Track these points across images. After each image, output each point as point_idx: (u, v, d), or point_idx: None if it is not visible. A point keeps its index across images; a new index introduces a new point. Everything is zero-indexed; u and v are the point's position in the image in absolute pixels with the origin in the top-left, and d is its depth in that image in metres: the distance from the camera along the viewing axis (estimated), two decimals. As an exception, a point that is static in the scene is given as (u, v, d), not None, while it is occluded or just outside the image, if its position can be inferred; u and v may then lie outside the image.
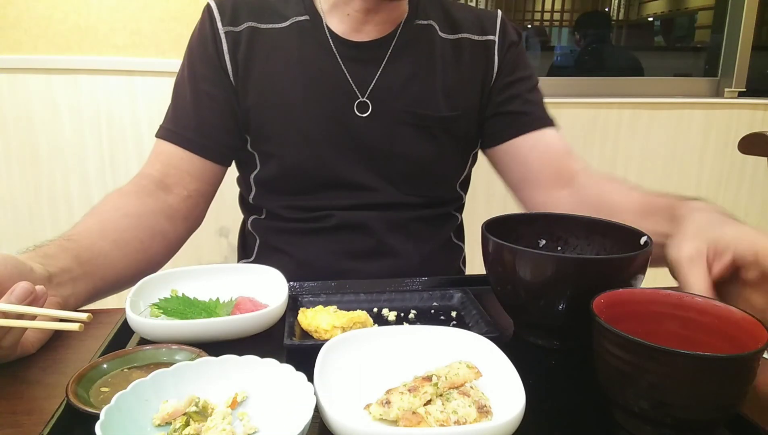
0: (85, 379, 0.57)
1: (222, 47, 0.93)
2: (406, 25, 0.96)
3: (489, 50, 0.99)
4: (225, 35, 0.93)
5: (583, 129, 2.18)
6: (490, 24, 1.00)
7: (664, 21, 2.98)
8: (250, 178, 1.01)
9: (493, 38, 0.99)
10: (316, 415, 0.48)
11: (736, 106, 2.24)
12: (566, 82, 2.34)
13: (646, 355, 0.49)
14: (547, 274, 0.62)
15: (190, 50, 0.97)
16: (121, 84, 1.94)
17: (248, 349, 0.58)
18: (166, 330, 0.66)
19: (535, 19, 2.84)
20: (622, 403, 0.53)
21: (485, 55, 0.99)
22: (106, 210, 0.86)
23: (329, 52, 0.93)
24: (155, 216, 0.90)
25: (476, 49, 0.98)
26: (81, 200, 2.03)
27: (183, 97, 0.95)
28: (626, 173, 2.24)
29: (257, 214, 1.04)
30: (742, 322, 0.54)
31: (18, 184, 2.01)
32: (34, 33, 1.89)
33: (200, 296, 0.76)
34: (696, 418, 0.50)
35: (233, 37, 0.93)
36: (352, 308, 0.74)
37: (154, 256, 0.89)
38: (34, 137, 1.97)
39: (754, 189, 2.31)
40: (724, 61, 2.35)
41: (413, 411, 0.52)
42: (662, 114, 2.22)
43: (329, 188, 0.96)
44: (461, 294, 0.80)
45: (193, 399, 0.52)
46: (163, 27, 1.91)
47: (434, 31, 0.97)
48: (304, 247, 0.98)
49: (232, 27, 0.93)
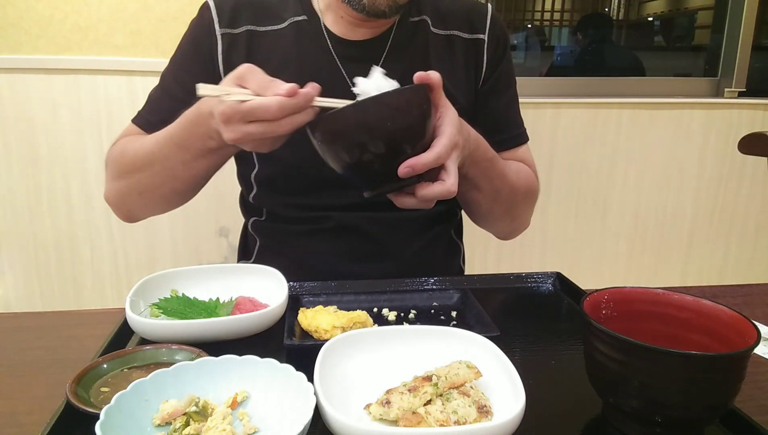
0: (85, 379, 0.57)
1: (216, 48, 0.93)
2: (401, 23, 0.96)
3: (479, 49, 0.99)
4: (221, 37, 0.93)
5: (583, 129, 2.18)
6: (480, 21, 0.99)
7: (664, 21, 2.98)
8: (251, 177, 1.01)
9: (483, 37, 0.99)
10: (316, 415, 0.48)
11: (736, 106, 2.24)
12: (566, 82, 2.33)
13: (637, 354, 0.49)
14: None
15: (181, 46, 0.97)
16: (121, 84, 1.94)
17: (248, 349, 0.58)
18: (166, 330, 0.66)
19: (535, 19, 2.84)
20: (613, 402, 0.53)
21: (475, 53, 0.99)
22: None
23: (326, 51, 0.93)
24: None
25: (466, 47, 0.98)
26: (81, 200, 2.03)
27: (162, 88, 0.97)
28: (626, 173, 2.24)
29: (257, 216, 1.04)
30: (731, 320, 0.54)
31: (18, 184, 2.01)
32: (34, 33, 1.89)
33: (200, 296, 0.76)
34: (686, 416, 0.50)
35: (230, 39, 0.93)
36: (352, 308, 0.74)
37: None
38: (34, 137, 1.97)
39: (754, 189, 2.31)
40: (724, 61, 2.34)
41: (413, 411, 0.52)
42: (662, 114, 2.22)
43: (329, 187, 0.96)
44: (461, 294, 0.80)
45: (193, 399, 0.52)
46: (163, 27, 1.91)
47: (427, 25, 0.97)
48: (304, 249, 0.99)
49: (230, 29, 0.93)
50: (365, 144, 0.66)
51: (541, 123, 2.14)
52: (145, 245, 2.08)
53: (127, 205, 0.97)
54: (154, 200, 0.94)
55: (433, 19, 0.98)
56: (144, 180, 0.89)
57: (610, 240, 2.31)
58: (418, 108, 0.68)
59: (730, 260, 2.38)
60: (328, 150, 0.70)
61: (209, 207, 2.02)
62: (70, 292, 2.12)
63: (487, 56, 0.99)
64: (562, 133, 2.16)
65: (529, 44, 2.78)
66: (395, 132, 0.66)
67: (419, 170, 0.68)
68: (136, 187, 0.91)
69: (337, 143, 0.68)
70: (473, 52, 0.99)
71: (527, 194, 1.00)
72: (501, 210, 0.97)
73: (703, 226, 2.33)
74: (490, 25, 0.99)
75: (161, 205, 0.96)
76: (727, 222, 2.34)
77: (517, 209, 1.00)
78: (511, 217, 1.02)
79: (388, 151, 0.67)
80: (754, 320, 0.52)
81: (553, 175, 2.21)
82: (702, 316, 0.57)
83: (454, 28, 0.98)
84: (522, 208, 1.01)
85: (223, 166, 1.00)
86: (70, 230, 2.06)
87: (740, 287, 0.94)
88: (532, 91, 2.18)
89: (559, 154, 2.18)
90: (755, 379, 0.64)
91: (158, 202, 0.95)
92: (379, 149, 0.67)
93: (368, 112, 0.66)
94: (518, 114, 1.05)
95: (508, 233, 1.08)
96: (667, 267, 2.36)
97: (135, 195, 0.93)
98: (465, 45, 0.98)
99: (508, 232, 1.07)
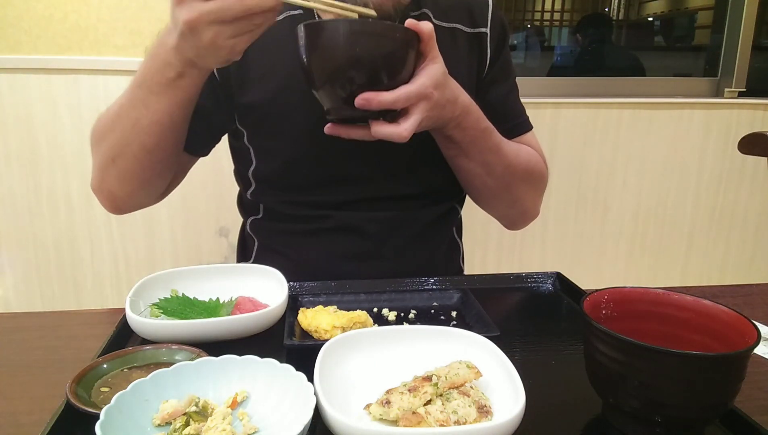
0: (85, 379, 0.57)
1: None
2: (402, 17, 0.95)
3: (482, 43, 0.99)
4: None
5: (583, 129, 2.18)
6: (482, 15, 0.99)
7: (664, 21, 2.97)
8: (248, 173, 1.01)
9: (485, 30, 0.99)
10: (316, 415, 0.48)
11: (736, 106, 2.24)
12: (566, 82, 2.33)
13: (637, 354, 0.49)
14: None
15: None
16: (121, 84, 1.92)
17: (248, 349, 0.58)
18: (166, 330, 0.66)
19: (535, 19, 2.84)
20: (613, 402, 0.53)
21: (478, 47, 0.99)
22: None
23: None
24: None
25: (469, 40, 0.98)
26: (81, 200, 2.03)
27: None
28: (626, 173, 2.24)
29: (255, 214, 1.04)
30: (731, 320, 0.54)
31: (18, 184, 2.01)
32: (34, 33, 1.89)
33: (200, 296, 0.76)
34: (686, 416, 0.50)
35: None
36: (352, 308, 0.74)
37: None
38: (34, 137, 1.97)
39: (754, 189, 2.31)
40: (724, 61, 2.34)
41: (413, 411, 0.52)
42: (662, 114, 2.22)
43: (328, 183, 0.95)
44: (461, 294, 0.80)
45: (193, 399, 0.52)
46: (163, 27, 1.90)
47: (429, 18, 0.97)
48: (303, 249, 0.98)
49: None
50: (345, 64, 0.69)
51: (541, 123, 2.13)
52: (145, 245, 2.08)
53: (107, 184, 0.92)
54: (128, 168, 0.88)
55: (434, 11, 0.98)
56: (114, 139, 0.86)
57: (610, 240, 2.31)
58: (403, 45, 0.70)
59: (730, 260, 2.38)
60: (310, 57, 0.71)
61: (209, 207, 2.02)
62: (70, 292, 2.12)
63: (491, 50, 0.99)
64: (562, 133, 2.16)
65: (530, 44, 2.78)
66: (375, 59, 0.68)
67: (374, 105, 0.69)
68: (110, 152, 0.87)
69: (319, 52, 0.70)
70: (476, 45, 0.98)
71: (528, 175, 0.98)
72: (497, 186, 0.95)
73: (703, 226, 2.33)
74: (491, 18, 0.99)
75: (138, 177, 0.90)
76: (727, 222, 2.34)
77: (516, 189, 0.98)
78: (511, 198, 1.00)
79: (363, 77, 0.69)
80: (754, 320, 0.52)
81: (553, 175, 2.19)
82: (702, 316, 0.57)
83: (456, 21, 0.98)
84: (522, 189, 0.99)
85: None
86: (70, 230, 2.06)
87: (740, 287, 0.94)
88: (532, 91, 2.18)
89: (559, 154, 2.18)
90: (755, 379, 0.64)
91: (133, 171, 0.89)
92: (355, 72, 0.69)
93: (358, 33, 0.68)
94: (519, 102, 1.05)
95: (512, 220, 1.06)
96: (667, 267, 2.36)
97: (110, 164, 0.89)
98: (467, 38, 0.98)
99: (512, 217, 1.05)
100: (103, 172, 0.91)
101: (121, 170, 0.88)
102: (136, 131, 0.83)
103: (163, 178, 0.94)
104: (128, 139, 0.84)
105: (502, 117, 1.00)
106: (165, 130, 0.84)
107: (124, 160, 0.87)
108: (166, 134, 0.85)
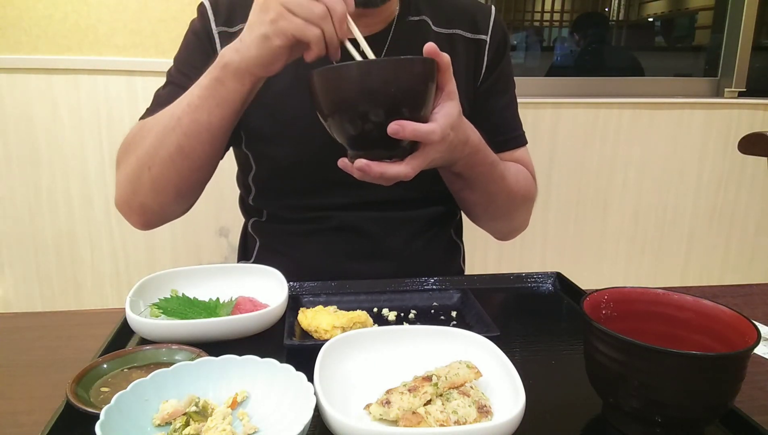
0: (85, 379, 0.57)
1: (215, 47, 0.93)
2: (399, 22, 0.95)
3: (480, 49, 0.99)
4: (219, 35, 0.93)
5: (583, 129, 2.18)
6: (483, 22, 0.99)
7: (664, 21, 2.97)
8: (249, 179, 1.01)
9: (485, 38, 0.99)
10: (316, 415, 0.48)
11: (736, 106, 2.24)
12: (566, 82, 2.33)
13: (637, 354, 0.49)
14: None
15: (183, 44, 0.96)
16: (121, 84, 1.94)
17: (248, 349, 0.58)
18: (166, 330, 0.66)
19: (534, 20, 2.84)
20: (613, 402, 0.53)
21: (475, 53, 0.99)
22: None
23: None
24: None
25: (468, 46, 0.98)
26: (81, 200, 2.03)
27: (168, 83, 0.95)
28: (626, 173, 2.24)
29: (257, 217, 1.04)
30: (731, 320, 0.54)
31: (18, 184, 2.01)
32: (34, 33, 1.89)
33: (200, 296, 0.76)
34: (686, 416, 0.50)
35: (227, 37, 0.93)
36: (352, 308, 0.74)
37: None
38: (34, 137, 1.97)
39: (754, 189, 2.31)
40: (724, 61, 2.34)
41: (413, 411, 0.52)
42: (662, 114, 2.22)
43: (328, 187, 0.95)
44: (461, 294, 0.80)
45: (193, 399, 0.52)
46: (163, 27, 1.91)
47: (428, 25, 0.97)
48: (304, 249, 0.98)
49: (227, 27, 0.93)
50: (363, 103, 0.68)
51: (541, 123, 2.14)
52: (145, 245, 2.08)
53: (140, 197, 0.90)
54: (164, 174, 0.86)
55: (434, 18, 0.97)
56: (150, 143, 0.85)
57: (610, 240, 2.31)
58: (423, 78, 0.69)
59: (730, 260, 2.38)
60: (325, 100, 0.70)
61: (209, 207, 2.02)
62: (70, 292, 2.12)
63: (488, 57, 0.99)
64: (562, 133, 2.17)
65: (530, 44, 2.78)
66: (395, 94, 0.67)
67: (408, 133, 0.68)
68: (144, 158, 0.86)
69: (335, 94, 0.69)
70: (474, 52, 0.98)
71: (525, 199, 1.00)
72: (498, 212, 0.98)
73: (703, 226, 2.33)
74: (493, 26, 0.99)
75: (174, 184, 0.88)
76: (727, 222, 2.34)
77: (514, 212, 1.00)
78: (509, 220, 1.02)
79: (382, 113, 0.68)
80: (754, 320, 0.52)
81: (553, 175, 2.21)
82: (702, 316, 0.57)
83: (457, 27, 0.98)
84: (520, 211, 1.02)
85: (224, 154, 0.98)
86: (70, 230, 2.06)
87: (740, 287, 0.94)
88: (532, 91, 2.18)
89: (559, 154, 2.18)
90: (755, 379, 0.64)
91: (169, 178, 0.87)
92: (374, 110, 0.68)
93: (372, 73, 0.67)
94: (517, 116, 1.05)
95: (505, 234, 1.08)
96: (667, 267, 2.36)
97: (144, 172, 0.86)
98: (466, 44, 0.98)
99: (506, 233, 1.07)
100: (135, 183, 0.88)
101: (156, 177, 0.86)
102: (174, 131, 0.82)
103: (195, 190, 0.93)
104: (164, 140, 0.83)
105: (498, 129, 1.00)
106: (202, 130, 0.82)
107: (160, 165, 0.85)
108: (203, 136, 0.83)
